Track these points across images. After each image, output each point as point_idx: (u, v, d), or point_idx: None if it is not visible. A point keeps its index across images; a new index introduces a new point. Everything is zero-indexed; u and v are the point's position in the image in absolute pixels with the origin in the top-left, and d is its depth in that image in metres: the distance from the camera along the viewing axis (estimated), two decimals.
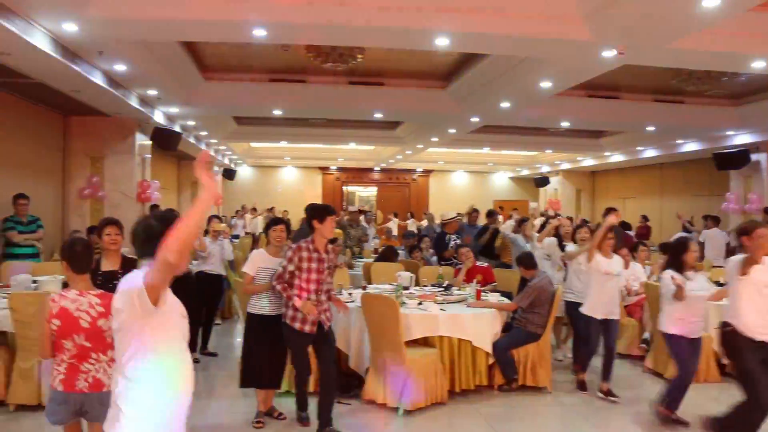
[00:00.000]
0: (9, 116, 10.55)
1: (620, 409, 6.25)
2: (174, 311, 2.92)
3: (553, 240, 8.57)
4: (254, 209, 22.20)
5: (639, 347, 8.03)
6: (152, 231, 2.70)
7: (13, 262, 8.47)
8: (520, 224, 9.64)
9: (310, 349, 5.62)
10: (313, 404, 5.58)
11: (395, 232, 18.30)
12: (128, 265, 5.04)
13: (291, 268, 5.34)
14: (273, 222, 6.00)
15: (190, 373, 2.96)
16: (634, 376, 7.46)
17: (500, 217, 12.98)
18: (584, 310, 6.60)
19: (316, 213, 5.41)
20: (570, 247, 7.72)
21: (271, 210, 21.39)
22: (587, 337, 6.68)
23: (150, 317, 2.74)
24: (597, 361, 6.74)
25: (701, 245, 11.98)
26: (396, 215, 23.28)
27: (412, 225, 20.62)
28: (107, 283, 4.83)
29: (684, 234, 10.62)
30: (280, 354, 5.71)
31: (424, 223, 17.27)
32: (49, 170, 12.17)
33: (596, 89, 12.08)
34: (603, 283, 6.52)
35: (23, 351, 5.75)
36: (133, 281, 2.75)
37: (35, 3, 6.54)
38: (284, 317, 5.42)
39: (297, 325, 5.34)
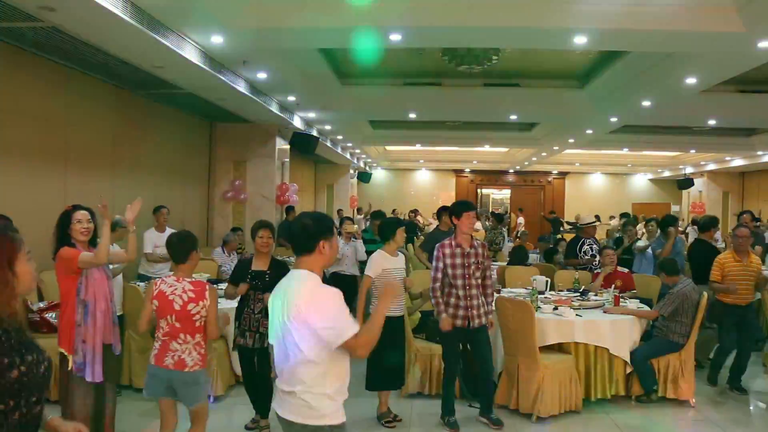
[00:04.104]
0: (162, 125, 11.28)
1: None
2: None
3: None
4: (393, 211, 22.44)
5: None
6: (310, 230, 2.97)
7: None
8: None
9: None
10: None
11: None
12: (276, 266, 5.26)
13: (441, 266, 5.45)
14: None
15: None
16: None
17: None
18: None
19: (453, 210, 5.56)
20: None
21: (393, 212, 21.49)
22: None
23: None
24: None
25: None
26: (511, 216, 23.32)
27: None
28: (255, 280, 5.14)
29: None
30: (395, 356, 5.72)
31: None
32: (197, 174, 12.89)
33: (748, 83, 11.22)
34: None
35: None
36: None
37: (187, 18, 6.94)
38: (435, 314, 5.55)
39: None
